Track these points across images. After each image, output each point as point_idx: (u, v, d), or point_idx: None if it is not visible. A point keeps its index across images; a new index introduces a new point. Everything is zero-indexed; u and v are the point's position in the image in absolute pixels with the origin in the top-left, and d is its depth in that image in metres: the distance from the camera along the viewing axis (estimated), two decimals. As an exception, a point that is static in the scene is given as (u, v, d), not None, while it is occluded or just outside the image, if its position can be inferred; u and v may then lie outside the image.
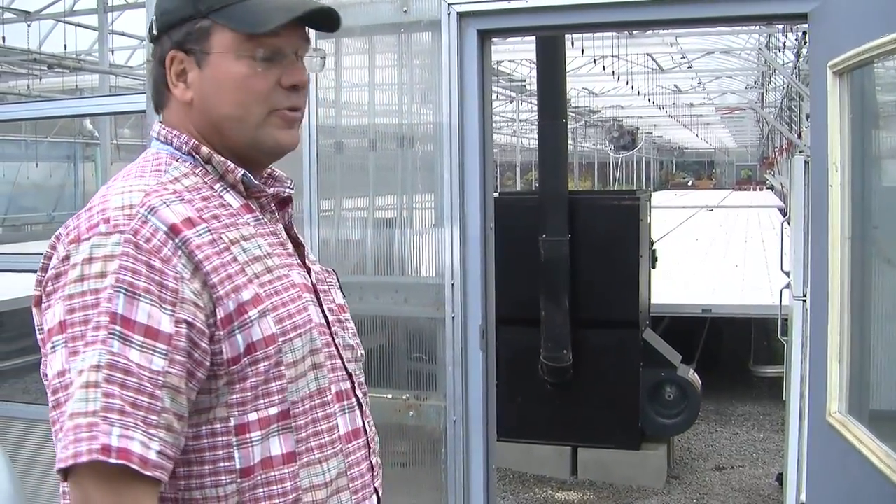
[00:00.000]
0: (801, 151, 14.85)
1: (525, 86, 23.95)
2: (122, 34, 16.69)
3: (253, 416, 1.62)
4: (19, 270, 7.91)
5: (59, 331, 1.51)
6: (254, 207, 1.77)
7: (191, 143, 1.74)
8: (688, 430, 8.17)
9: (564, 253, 7.12)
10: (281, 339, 1.64)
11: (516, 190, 24.62)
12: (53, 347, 1.52)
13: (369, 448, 1.83)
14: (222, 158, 1.74)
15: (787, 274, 5.81)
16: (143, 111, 4.42)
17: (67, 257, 1.56)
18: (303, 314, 1.70)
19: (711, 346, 11.28)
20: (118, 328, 1.47)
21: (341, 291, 1.95)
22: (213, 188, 1.72)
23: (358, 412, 1.81)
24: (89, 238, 1.55)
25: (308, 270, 1.82)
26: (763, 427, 9.25)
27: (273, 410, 1.63)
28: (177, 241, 1.56)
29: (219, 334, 1.58)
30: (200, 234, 1.59)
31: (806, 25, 3.91)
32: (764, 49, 18.24)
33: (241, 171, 1.74)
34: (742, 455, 8.45)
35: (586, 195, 9.83)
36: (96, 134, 18.36)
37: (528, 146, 32.74)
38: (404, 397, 4.17)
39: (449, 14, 4.01)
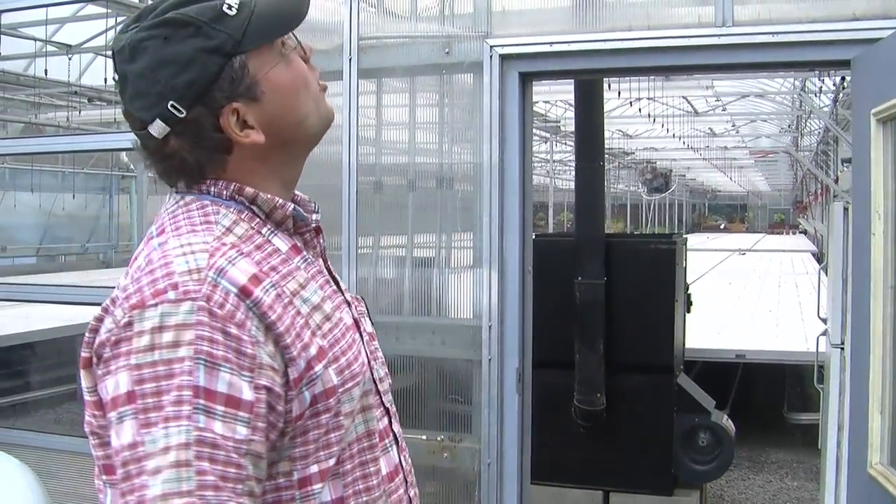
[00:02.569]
0: (835, 196, 14.77)
1: (560, 126, 23.97)
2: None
3: (314, 469, 1.59)
4: (54, 301, 7.98)
5: (128, 401, 1.45)
6: (300, 246, 1.72)
7: (231, 187, 1.67)
8: (721, 476, 8.09)
9: (600, 296, 7.09)
10: (340, 391, 1.62)
11: (550, 231, 24.57)
12: (121, 418, 1.45)
13: (406, 483, 1.81)
14: (269, 196, 1.68)
15: (825, 321, 5.76)
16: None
17: (130, 323, 1.48)
18: (359, 360, 1.68)
19: (745, 391, 11.18)
20: (202, 402, 1.43)
21: (370, 319, 1.91)
22: (260, 233, 1.66)
23: (395, 449, 1.79)
24: (156, 305, 1.47)
25: (349, 305, 1.79)
26: (797, 475, 9.15)
27: (332, 461, 1.61)
28: (248, 303, 1.51)
29: (291, 394, 1.54)
30: (267, 291, 1.54)
31: (847, 71, 3.91)
32: (801, 93, 18.18)
33: (290, 207, 1.70)
34: None
35: (623, 238, 9.77)
36: (132, 166, 18.50)
37: (562, 187, 32.76)
38: (439, 439, 4.16)
39: (491, 56, 4.04)
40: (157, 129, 1.61)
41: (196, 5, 1.62)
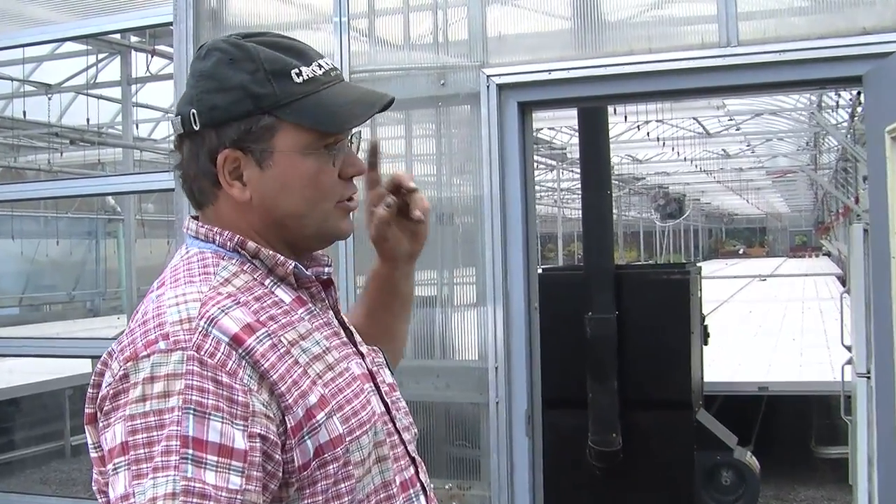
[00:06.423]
0: (858, 216, 14.77)
1: (566, 154, 24.01)
2: (146, 106, 16.89)
3: None
4: (40, 355, 8.00)
5: (122, 452, 1.49)
6: (305, 299, 1.75)
7: (235, 239, 1.72)
8: (747, 516, 8.07)
9: (612, 331, 7.09)
10: (348, 439, 1.65)
11: (559, 265, 24.54)
12: (115, 469, 1.49)
13: None
14: (271, 252, 1.72)
15: (849, 349, 5.77)
16: (172, 189, 4.50)
17: (126, 375, 1.54)
18: (367, 408, 1.72)
19: (769, 425, 11.14)
20: (190, 451, 1.46)
21: (389, 369, 1.95)
22: (263, 284, 1.71)
23: (423, 499, 1.83)
24: (149, 356, 1.53)
25: (362, 356, 1.83)
26: (828, 513, 9.12)
27: None
28: (240, 351, 1.55)
29: (290, 443, 1.58)
30: (261, 341, 1.58)
31: (859, 87, 3.93)
32: (816, 111, 18.19)
33: (291, 264, 1.73)
34: (806, 544, 8.33)
35: (634, 269, 9.74)
36: (119, 209, 18.50)
37: (570, 216, 32.77)
38: (447, 486, 4.16)
39: (488, 86, 4.07)
40: (176, 123, 1.73)
41: (277, 53, 1.70)
